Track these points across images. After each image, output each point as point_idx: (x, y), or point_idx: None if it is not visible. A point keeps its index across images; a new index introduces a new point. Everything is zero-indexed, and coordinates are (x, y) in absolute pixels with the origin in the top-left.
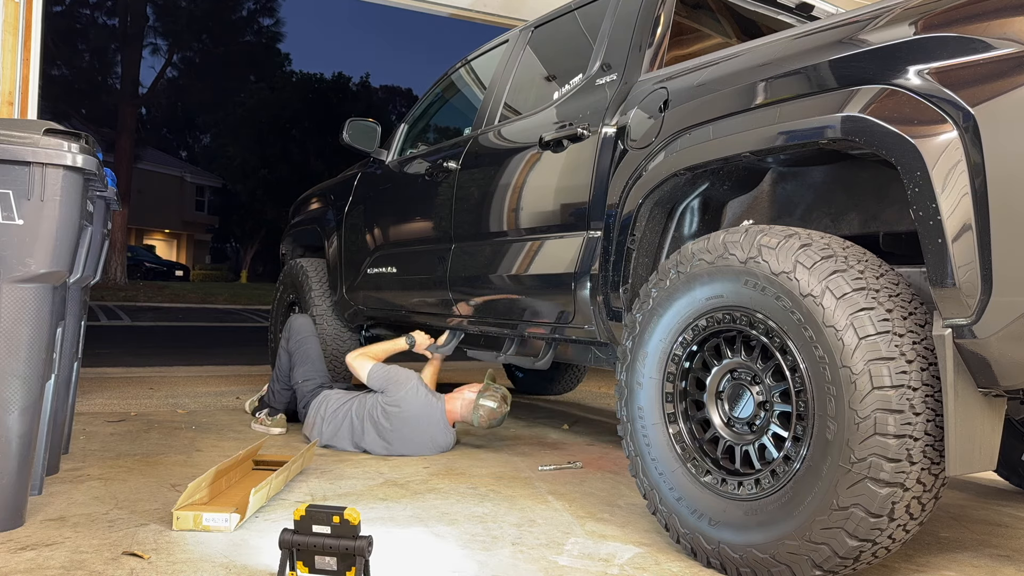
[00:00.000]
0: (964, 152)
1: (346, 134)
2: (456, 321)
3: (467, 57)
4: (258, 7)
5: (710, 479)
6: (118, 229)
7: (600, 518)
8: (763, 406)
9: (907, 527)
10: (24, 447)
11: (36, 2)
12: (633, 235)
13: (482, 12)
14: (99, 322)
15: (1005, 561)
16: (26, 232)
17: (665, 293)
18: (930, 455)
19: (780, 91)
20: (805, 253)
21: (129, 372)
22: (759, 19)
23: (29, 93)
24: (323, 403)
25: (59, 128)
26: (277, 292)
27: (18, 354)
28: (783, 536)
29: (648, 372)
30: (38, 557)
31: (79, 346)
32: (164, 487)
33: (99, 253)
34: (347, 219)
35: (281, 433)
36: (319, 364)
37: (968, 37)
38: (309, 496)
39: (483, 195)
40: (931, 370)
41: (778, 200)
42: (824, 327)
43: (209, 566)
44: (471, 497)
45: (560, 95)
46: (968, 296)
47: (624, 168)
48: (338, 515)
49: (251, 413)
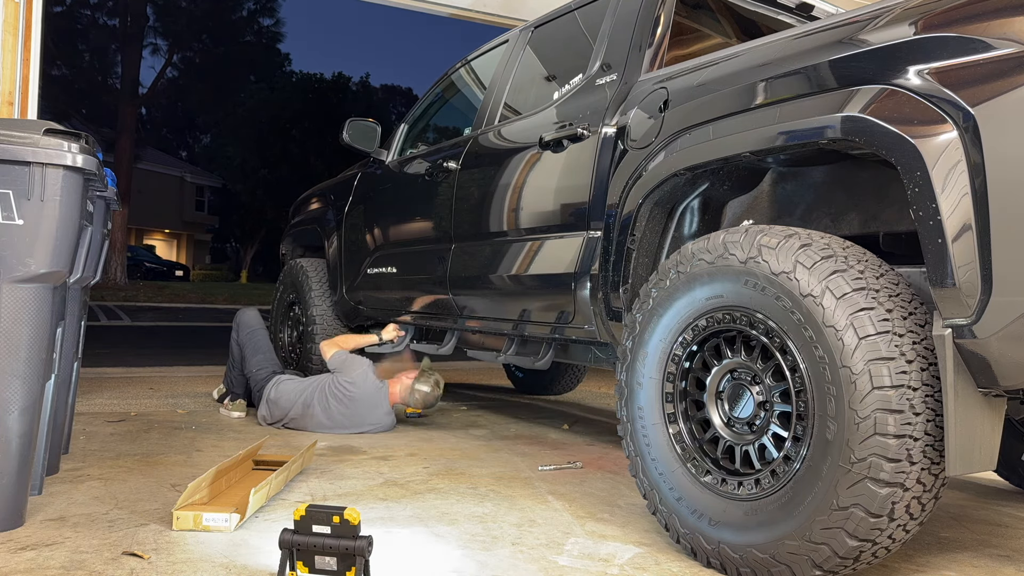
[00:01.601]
0: (964, 152)
1: (346, 134)
2: (456, 321)
3: (467, 57)
4: (258, 7)
5: (710, 479)
6: (118, 229)
7: (600, 518)
8: (763, 406)
9: (907, 527)
10: (24, 447)
11: (36, 2)
12: (633, 235)
13: (482, 12)
14: (99, 322)
15: (1005, 561)
16: (26, 232)
17: (665, 293)
18: (930, 455)
19: (780, 91)
20: (805, 253)
21: (129, 372)
22: (759, 19)
23: (29, 93)
24: (273, 387)
25: (59, 128)
26: (277, 292)
27: (18, 354)
28: (783, 536)
29: (648, 372)
30: (38, 557)
31: (79, 346)
32: (164, 487)
33: (99, 253)
34: (347, 219)
35: (240, 417)
36: (269, 354)
37: (968, 37)
38: (309, 496)
39: (483, 195)
40: (931, 370)
41: (778, 200)
42: (824, 327)
43: (209, 566)
44: (471, 497)
45: (560, 95)
46: (968, 296)
47: (624, 168)
48: (338, 515)
49: (218, 400)
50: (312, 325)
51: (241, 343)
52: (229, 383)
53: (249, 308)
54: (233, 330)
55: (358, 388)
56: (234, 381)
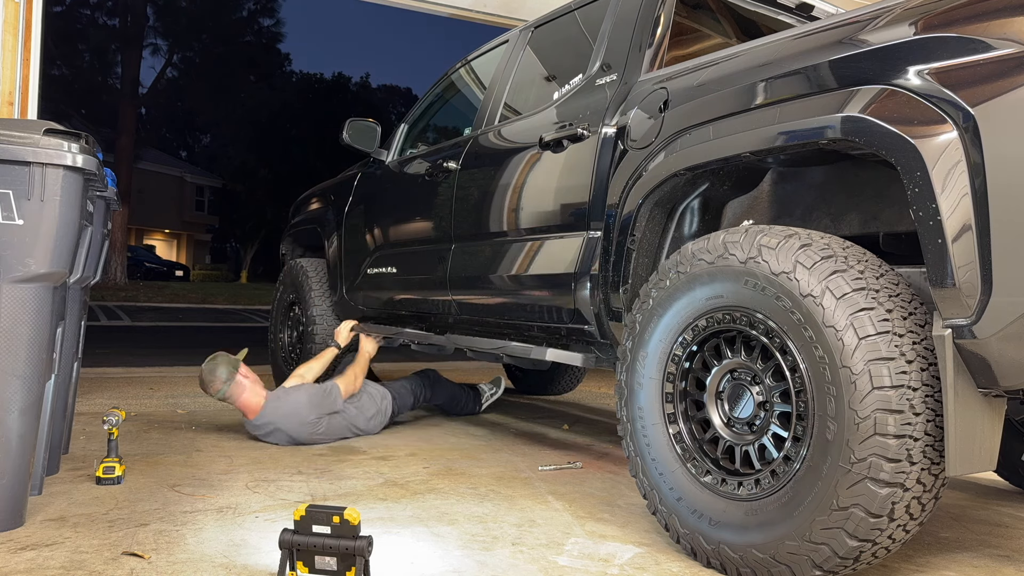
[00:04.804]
0: (964, 152)
1: (346, 134)
2: (456, 321)
3: (467, 57)
4: (258, 7)
5: (710, 479)
6: (118, 229)
7: (600, 518)
8: (763, 406)
9: (907, 527)
10: (24, 447)
11: (36, 2)
12: (633, 235)
13: (482, 12)
14: (99, 322)
15: (1005, 561)
16: (26, 232)
17: (665, 293)
18: (930, 455)
19: (780, 91)
20: (805, 253)
21: (129, 372)
22: (759, 19)
23: (29, 93)
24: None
25: (59, 128)
26: (277, 292)
27: (18, 354)
28: (783, 536)
29: (648, 372)
30: (38, 557)
31: (79, 346)
32: (164, 487)
33: (99, 253)
34: (347, 219)
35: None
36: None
37: (968, 37)
38: (309, 496)
39: (483, 195)
40: (931, 370)
41: (778, 200)
42: (824, 327)
43: (209, 566)
44: (471, 497)
45: (560, 95)
46: (968, 296)
47: (624, 168)
48: (338, 515)
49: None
50: (312, 325)
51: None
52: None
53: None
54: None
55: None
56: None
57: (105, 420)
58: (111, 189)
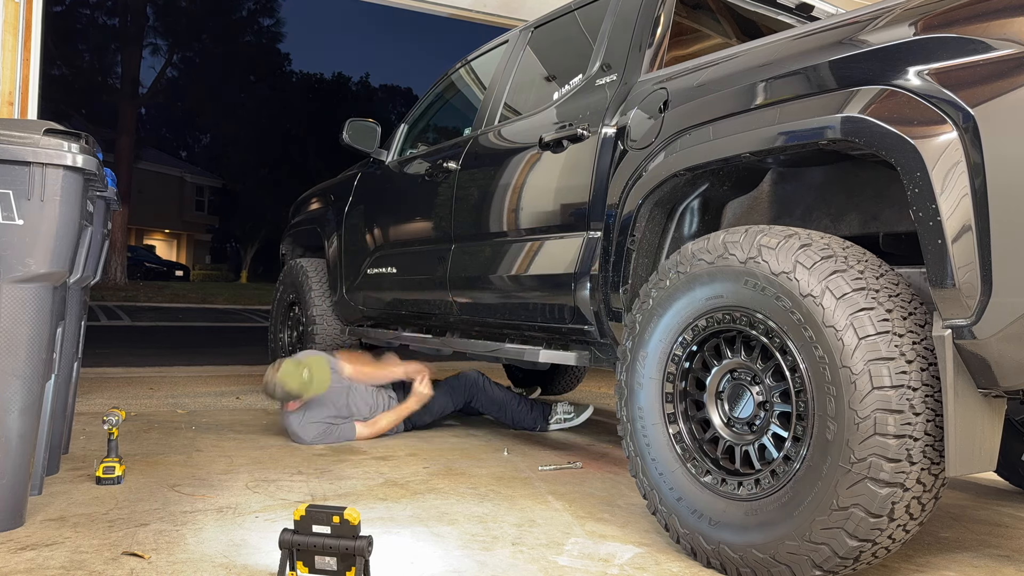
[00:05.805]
0: (964, 153)
1: (346, 134)
2: (456, 321)
3: (467, 57)
4: (258, 7)
5: (710, 479)
6: (118, 229)
7: (600, 518)
8: (763, 406)
9: (907, 527)
10: (24, 447)
11: (36, 2)
12: (633, 235)
13: (482, 12)
14: (99, 322)
15: (1005, 561)
16: (26, 232)
17: (665, 293)
18: (930, 455)
19: (780, 92)
20: (805, 253)
21: (129, 372)
22: (759, 19)
23: (29, 93)
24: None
25: (59, 128)
26: (277, 292)
27: (18, 354)
28: (783, 536)
29: (648, 372)
30: (38, 557)
31: (79, 346)
32: (164, 487)
33: (99, 253)
34: (347, 219)
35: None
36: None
37: (968, 38)
38: (309, 496)
39: (483, 195)
40: (931, 370)
41: (778, 200)
42: (824, 327)
43: (209, 566)
44: (471, 497)
45: (560, 95)
46: (968, 297)
47: (624, 168)
48: (338, 515)
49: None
50: (312, 325)
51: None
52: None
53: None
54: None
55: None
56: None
57: (105, 420)
58: (111, 189)
